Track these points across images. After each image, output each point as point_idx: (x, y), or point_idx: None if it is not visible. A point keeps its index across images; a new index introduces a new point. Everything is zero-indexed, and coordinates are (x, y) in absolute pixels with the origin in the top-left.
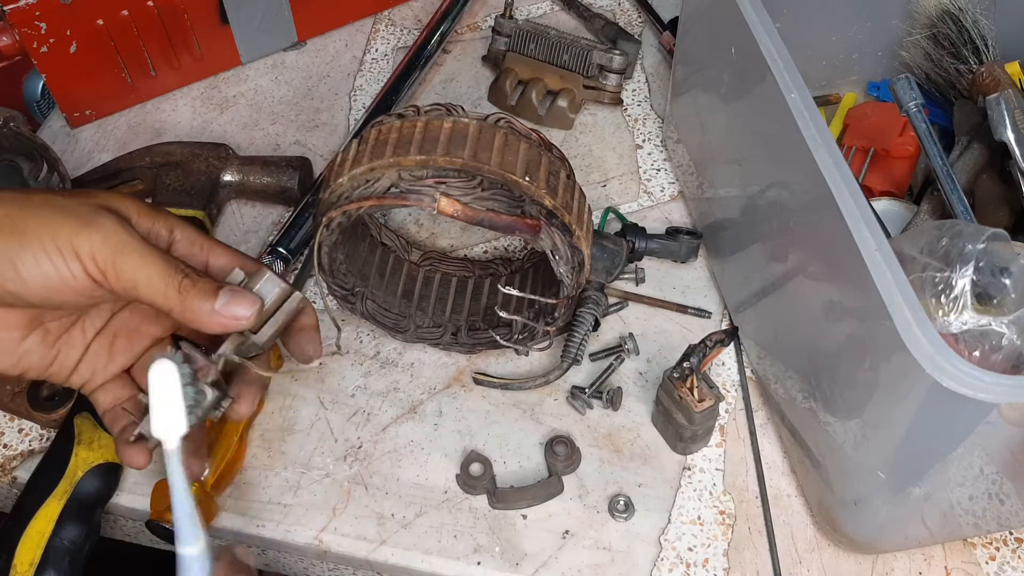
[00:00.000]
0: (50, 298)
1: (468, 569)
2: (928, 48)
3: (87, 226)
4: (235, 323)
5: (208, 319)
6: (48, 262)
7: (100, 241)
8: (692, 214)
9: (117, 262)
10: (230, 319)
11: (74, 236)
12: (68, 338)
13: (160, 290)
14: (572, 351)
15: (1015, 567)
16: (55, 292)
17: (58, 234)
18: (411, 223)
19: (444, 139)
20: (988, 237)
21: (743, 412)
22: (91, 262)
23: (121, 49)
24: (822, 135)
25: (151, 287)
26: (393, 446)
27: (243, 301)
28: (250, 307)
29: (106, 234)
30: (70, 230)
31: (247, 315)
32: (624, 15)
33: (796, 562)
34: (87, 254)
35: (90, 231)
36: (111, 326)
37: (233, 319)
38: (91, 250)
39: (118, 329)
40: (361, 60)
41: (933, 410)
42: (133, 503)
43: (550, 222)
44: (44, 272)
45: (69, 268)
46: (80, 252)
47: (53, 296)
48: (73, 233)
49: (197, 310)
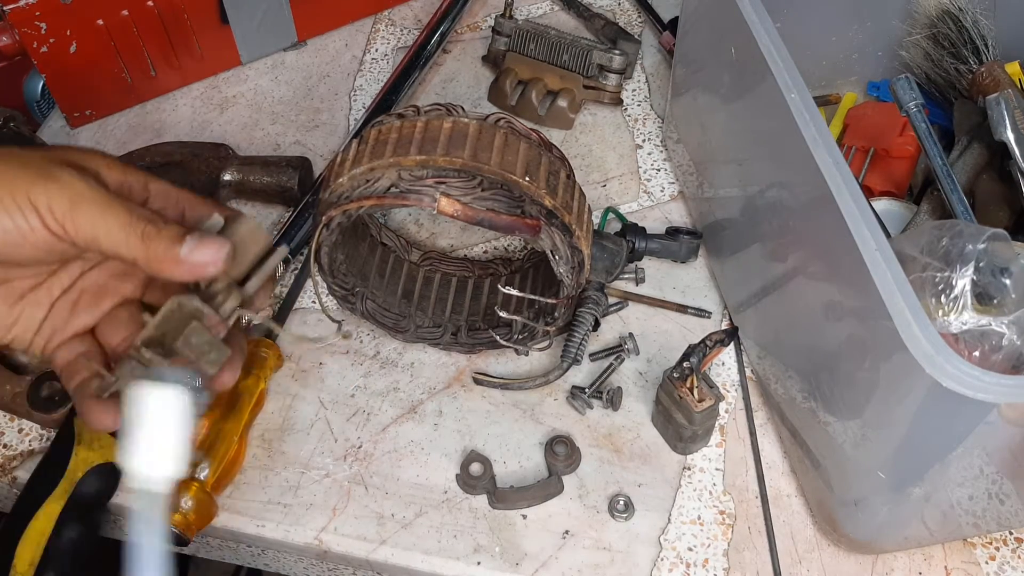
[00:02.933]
0: (10, 254)
1: (468, 569)
2: (928, 48)
3: (44, 178)
4: (203, 269)
5: (175, 266)
6: (5, 215)
7: (57, 192)
8: (692, 214)
9: (75, 213)
10: (198, 265)
11: (30, 188)
12: (34, 297)
13: (122, 240)
14: (572, 351)
15: (1015, 567)
16: (14, 247)
17: (15, 187)
18: (411, 223)
19: (444, 139)
20: (988, 237)
21: (743, 412)
22: (48, 214)
23: (121, 49)
24: (822, 135)
25: (112, 237)
26: (393, 446)
27: (211, 245)
28: (218, 251)
29: (63, 185)
30: (27, 182)
31: (215, 259)
32: (624, 15)
33: (796, 562)
34: (44, 206)
35: (47, 183)
36: (78, 284)
37: (200, 265)
38: (48, 202)
39: (85, 287)
40: (361, 60)
41: (933, 410)
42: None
43: (550, 222)
44: (1, 226)
45: (27, 221)
46: (37, 204)
47: (13, 252)
48: (30, 185)
49: (163, 257)
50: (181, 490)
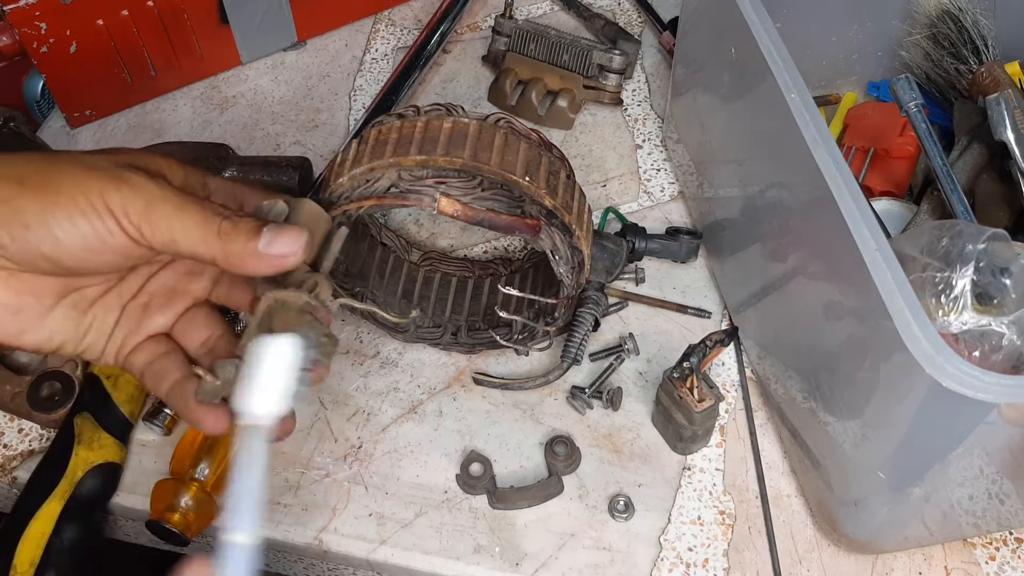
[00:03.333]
0: (88, 260)
1: (468, 569)
2: (928, 48)
3: (116, 181)
4: (282, 261)
5: (255, 261)
6: (84, 220)
7: (131, 195)
8: (692, 214)
9: (151, 215)
10: (277, 258)
11: (104, 191)
12: (104, 302)
13: (200, 237)
14: (572, 351)
15: (1015, 567)
16: (94, 253)
17: (89, 191)
18: (411, 223)
19: (444, 139)
20: (988, 237)
21: (743, 412)
22: (125, 218)
23: (121, 49)
24: (822, 135)
25: (190, 236)
26: (393, 446)
27: (288, 235)
28: (296, 241)
29: (136, 187)
30: (100, 186)
31: (295, 250)
32: (624, 15)
33: (796, 562)
34: (120, 209)
35: (119, 185)
36: (147, 288)
37: (280, 257)
38: (123, 205)
39: (154, 290)
40: (361, 60)
41: (933, 410)
42: (133, 503)
43: (550, 222)
44: (81, 232)
45: (105, 225)
46: (113, 208)
47: (92, 258)
48: (103, 188)
49: (241, 253)
50: (181, 490)
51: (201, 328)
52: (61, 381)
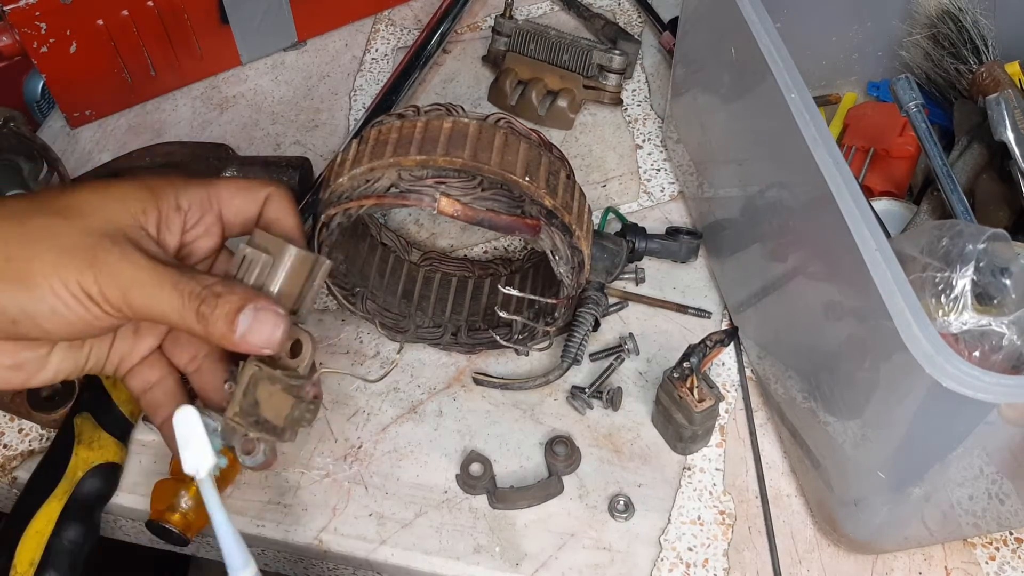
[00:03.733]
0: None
1: (468, 569)
2: (928, 48)
3: (91, 267)
4: (260, 351)
5: (233, 346)
6: (64, 308)
7: (108, 282)
8: (692, 214)
9: (130, 299)
10: (254, 347)
11: (80, 278)
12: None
13: (179, 319)
14: (572, 351)
15: (1015, 567)
16: (81, 331)
17: (67, 278)
18: (411, 223)
19: (444, 139)
20: (988, 237)
21: (743, 412)
22: (104, 303)
23: (121, 49)
24: (822, 135)
25: (170, 319)
26: (393, 446)
27: (266, 323)
28: (274, 328)
29: (112, 272)
30: (76, 271)
31: (275, 339)
32: (624, 15)
33: (796, 562)
34: (98, 296)
35: (95, 271)
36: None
37: (257, 347)
38: (100, 291)
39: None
40: (361, 60)
41: (933, 410)
42: (133, 503)
43: (550, 222)
44: (63, 318)
45: (87, 310)
46: (91, 294)
47: (80, 334)
48: (79, 274)
49: (221, 338)
50: (181, 490)
51: (187, 345)
52: (61, 381)
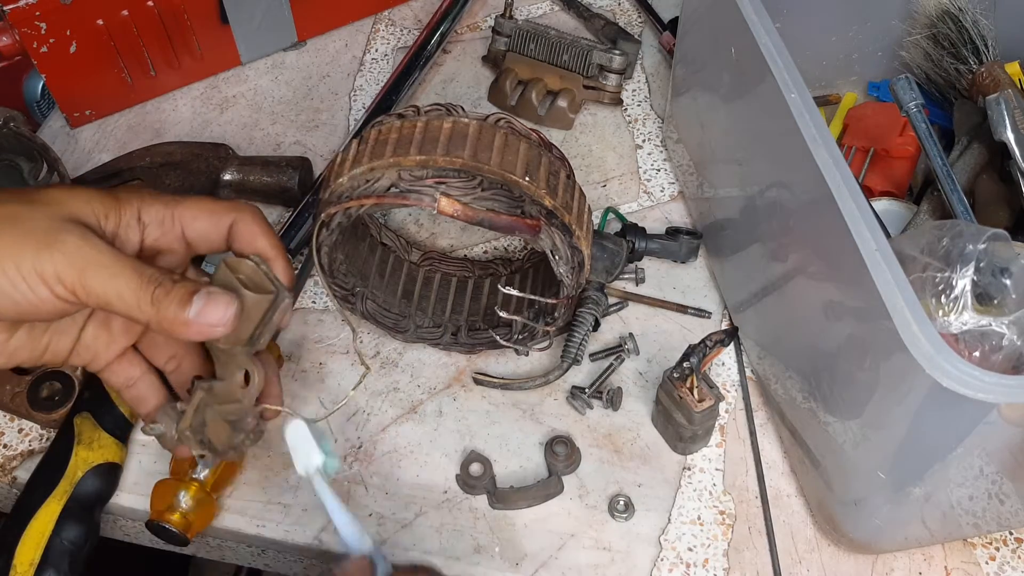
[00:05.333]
0: (25, 315)
1: (468, 569)
2: (928, 48)
3: (49, 247)
4: (211, 331)
5: (185, 328)
6: (14, 289)
7: (64, 263)
8: (692, 214)
9: (85, 281)
10: (206, 327)
11: (36, 259)
12: (58, 327)
13: (134, 304)
14: (572, 351)
15: (1015, 567)
16: (29, 314)
17: (21, 259)
18: (411, 223)
19: (444, 139)
20: (988, 237)
21: (743, 412)
22: (58, 284)
23: (121, 49)
24: (822, 135)
25: (124, 302)
26: (393, 446)
27: (218, 305)
28: (225, 310)
29: (69, 253)
30: (32, 252)
31: (223, 319)
32: (624, 15)
33: (796, 562)
34: (52, 277)
35: (52, 252)
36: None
37: (209, 327)
38: (55, 272)
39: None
40: (361, 60)
41: (933, 410)
42: (133, 503)
43: (550, 222)
44: (12, 298)
45: (36, 293)
46: (45, 276)
47: (28, 316)
48: (35, 256)
49: (172, 320)
50: (181, 490)
51: (164, 345)
52: (61, 381)
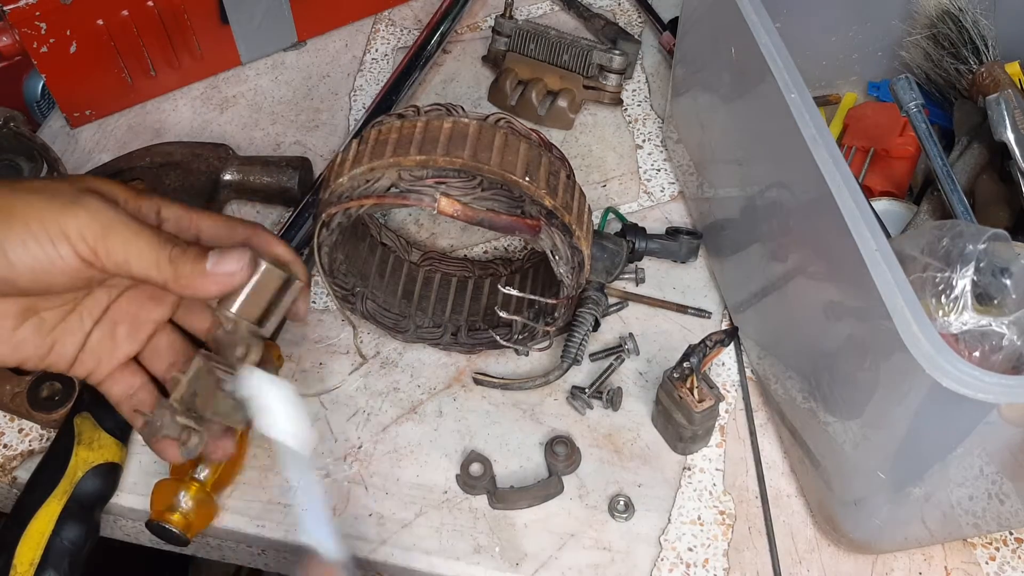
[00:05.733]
0: (40, 281)
1: (468, 569)
2: (928, 48)
3: (73, 205)
4: (230, 279)
5: (203, 281)
6: (36, 245)
7: (87, 219)
8: (692, 214)
9: (107, 239)
10: (224, 276)
11: (61, 217)
12: (65, 326)
13: (152, 262)
14: (572, 351)
15: (1015, 567)
16: (45, 275)
17: (45, 216)
18: (411, 223)
19: (444, 139)
20: (988, 237)
21: (743, 412)
22: (80, 242)
23: (121, 49)
24: (822, 135)
25: (142, 260)
26: (393, 446)
27: (232, 256)
28: (239, 258)
29: (93, 212)
30: (57, 211)
31: (239, 267)
32: (624, 15)
33: (796, 562)
34: (75, 234)
35: (76, 210)
36: (110, 314)
37: (227, 275)
38: (79, 229)
39: (118, 317)
40: (361, 60)
41: (933, 410)
42: (133, 503)
43: (550, 222)
44: (33, 255)
45: (58, 250)
46: (68, 232)
47: (43, 279)
48: (60, 214)
49: (191, 274)
50: (181, 490)
51: (166, 353)
52: (61, 381)
